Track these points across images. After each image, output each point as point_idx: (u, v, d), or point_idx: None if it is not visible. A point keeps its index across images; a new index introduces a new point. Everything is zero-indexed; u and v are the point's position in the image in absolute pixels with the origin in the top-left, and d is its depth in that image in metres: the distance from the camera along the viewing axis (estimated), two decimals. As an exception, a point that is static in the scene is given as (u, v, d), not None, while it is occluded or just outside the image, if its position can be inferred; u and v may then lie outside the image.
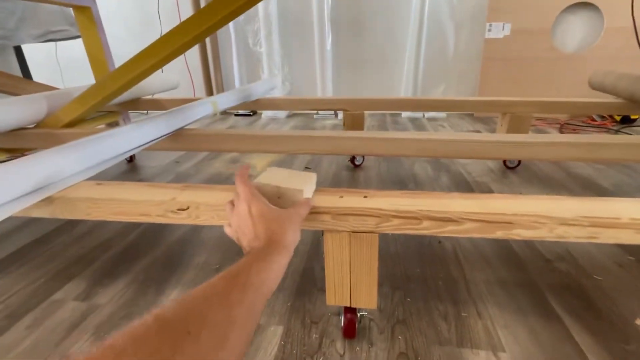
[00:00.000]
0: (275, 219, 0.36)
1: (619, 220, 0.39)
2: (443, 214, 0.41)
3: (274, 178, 0.43)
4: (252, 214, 0.37)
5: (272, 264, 0.31)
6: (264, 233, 0.35)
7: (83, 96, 0.81)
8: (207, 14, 0.66)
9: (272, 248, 0.33)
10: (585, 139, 0.67)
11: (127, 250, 0.76)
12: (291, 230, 0.36)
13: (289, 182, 0.43)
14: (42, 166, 0.47)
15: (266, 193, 0.42)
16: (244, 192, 0.38)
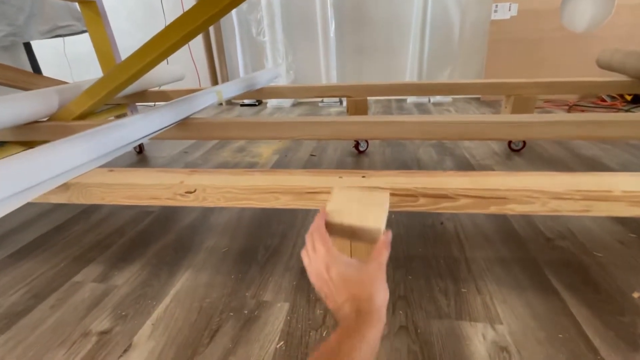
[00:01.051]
0: (358, 283, 0.33)
1: (611, 193, 0.40)
2: (438, 190, 0.42)
3: (345, 211, 0.39)
4: (332, 278, 0.33)
5: (362, 342, 0.28)
6: (349, 302, 0.32)
7: (92, 89, 0.84)
8: (209, 3, 0.67)
9: (361, 321, 0.30)
10: (589, 117, 0.67)
11: (141, 236, 0.80)
12: (378, 292, 0.32)
13: (362, 215, 0.38)
14: (57, 155, 0.49)
15: (339, 232, 0.38)
16: (319, 250, 0.35)
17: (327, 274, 0.34)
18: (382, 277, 0.34)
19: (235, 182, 0.46)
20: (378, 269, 0.34)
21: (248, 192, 0.46)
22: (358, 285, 0.33)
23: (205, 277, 0.65)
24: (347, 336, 0.28)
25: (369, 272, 0.34)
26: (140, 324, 0.54)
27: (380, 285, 0.33)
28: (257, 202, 0.46)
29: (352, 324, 0.30)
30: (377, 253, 0.36)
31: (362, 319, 0.30)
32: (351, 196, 0.40)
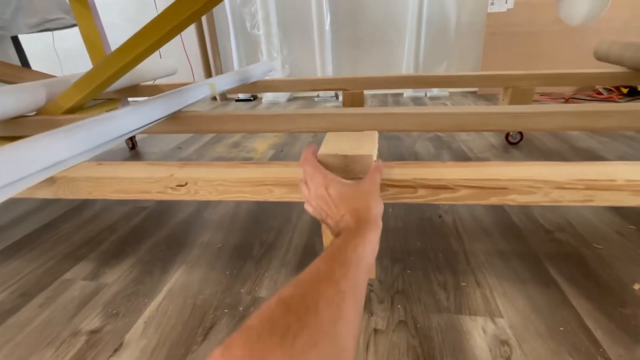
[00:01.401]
0: (355, 197, 0.37)
1: (614, 183, 0.39)
2: (437, 181, 0.41)
3: (338, 146, 0.42)
4: (332, 196, 0.37)
5: (364, 242, 0.32)
6: (349, 213, 0.35)
7: (81, 82, 0.81)
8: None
9: (361, 226, 0.34)
10: (587, 108, 0.66)
11: (133, 233, 0.78)
12: (373, 203, 0.36)
13: (355, 147, 0.41)
14: (42, 148, 0.47)
15: (333, 164, 0.41)
16: (317, 177, 0.38)
17: (327, 193, 0.37)
18: (376, 192, 0.38)
19: (227, 175, 0.45)
20: (372, 184, 0.38)
21: (241, 184, 0.44)
22: (356, 198, 0.36)
23: (199, 274, 0.63)
24: (351, 237, 0.32)
25: (365, 188, 0.38)
26: (132, 322, 0.53)
27: (375, 198, 0.37)
28: (250, 194, 0.45)
29: (353, 229, 0.33)
30: (371, 175, 0.40)
31: (362, 224, 0.34)
32: (343, 137, 0.44)
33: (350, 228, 0.34)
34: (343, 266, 0.28)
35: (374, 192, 0.38)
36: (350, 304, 0.25)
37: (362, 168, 0.41)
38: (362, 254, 0.30)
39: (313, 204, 0.39)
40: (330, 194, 0.37)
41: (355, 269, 0.28)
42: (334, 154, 0.41)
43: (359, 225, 0.34)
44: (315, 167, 0.40)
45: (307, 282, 0.26)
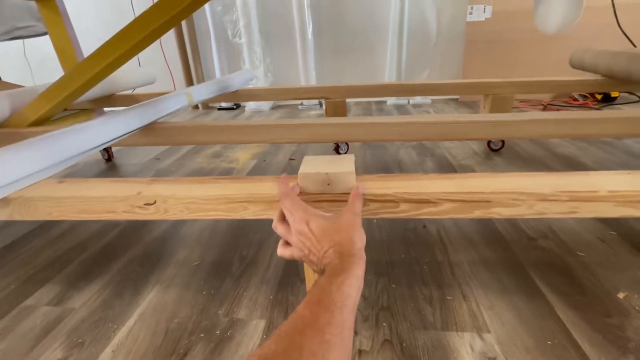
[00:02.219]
0: (338, 230, 0.36)
1: (597, 194, 0.38)
2: (420, 195, 0.40)
3: (318, 166, 0.41)
4: (313, 231, 0.36)
5: (350, 278, 0.31)
6: (332, 248, 0.34)
7: (50, 91, 0.77)
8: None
9: (345, 261, 0.33)
10: (566, 116, 0.67)
11: (104, 251, 0.74)
12: (356, 236, 0.36)
13: (335, 166, 0.41)
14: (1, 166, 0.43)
15: (314, 182, 0.40)
16: (297, 211, 0.37)
17: (308, 228, 0.36)
18: (358, 222, 0.37)
19: (199, 192, 0.42)
20: (354, 216, 0.37)
21: (214, 202, 0.42)
22: (338, 232, 0.35)
23: (174, 295, 0.59)
24: (336, 274, 0.31)
25: (346, 220, 0.37)
26: (98, 352, 0.49)
27: (358, 229, 0.36)
28: (225, 212, 0.42)
29: (337, 265, 0.32)
30: (351, 204, 0.38)
31: (346, 259, 0.33)
32: (320, 159, 0.43)
33: (334, 264, 0.33)
34: (328, 310, 0.27)
35: (356, 224, 0.36)
36: (336, 353, 0.24)
37: (344, 186, 0.40)
38: (348, 292, 0.29)
39: (293, 239, 0.37)
40: (311, 229, 0.35)
41: (341, 311, 0.27)
42: (315, 172, 0.39)
43: (343, 260, 0.33)
44: (294, 201, 0.38)
45: (290, 335, 0.25)
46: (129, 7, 2.07)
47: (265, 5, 1.98)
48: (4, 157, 0.45)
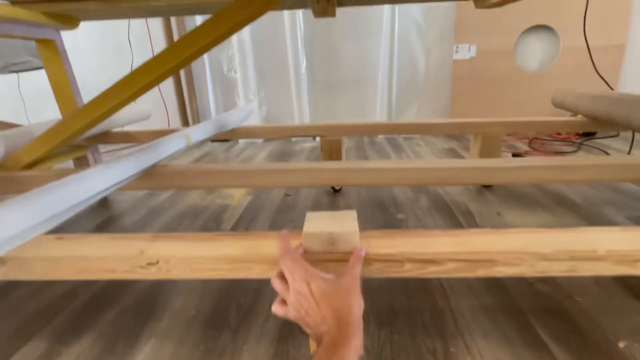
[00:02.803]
0: (337, 295, 0.35)
1: (595, 253, 0.39)
2: (424, 255, 0.40)
3: (321, 224, 0.41)
4: (314, 293, 0.35)
5: (350, 350, 0.30)
6: (330, 314, 0.34)
7: (47, 134, 0.77)
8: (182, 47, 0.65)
9: (343, 331, 0.32)
10: (558, 162, 0.69)
11: (94, 301, 0.71)
12: (355, 302, 0.35)
13: (339, 225, 0.41)
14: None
15: (319, 241, 0.40)
16: (298, 271, 0.37)
17: (308, 289, 0.36)
18: (357, 288, 0.37)
19: (202, 251, 0.42)
20: (353, 280, 0.37)
21: (217, 262, 0.41)
22: (337, 296, 0.35)
23: (170, 349, 0.57)
24: (335, 347, 0.31)
25: (346, 285, 0.37)
26: (88, 420, 0.46)
27: (356, 295, 0.36)
28: (228, 272, 0.42)
29: (336, 335, 0.32)
30: (351, 267, 0.39)
31: (344, 329, 0.33)
32: (324, 217, 0.43)
33: (333, 334, 0.33)
34: None
35: (355, 288, 0.37)
36: None
37: (347, 246, 0.40)
38: None
39: (291, 299, 0.37)
40: (312, 290, 0.35)
41: None
42: (320, 232, 0.40)
43: (341, 330, 0.32)
44: (295, 260, 0.38)
45: None
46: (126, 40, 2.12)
47: (261, 43, 2.05)
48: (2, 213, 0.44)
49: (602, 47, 1.86)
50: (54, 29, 1.10)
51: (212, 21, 0.62)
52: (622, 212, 0.99)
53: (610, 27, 1.85)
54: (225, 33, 0.64)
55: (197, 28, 0.63)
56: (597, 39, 1.87)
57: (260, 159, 1.79)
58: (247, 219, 1.06)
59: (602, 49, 1.87)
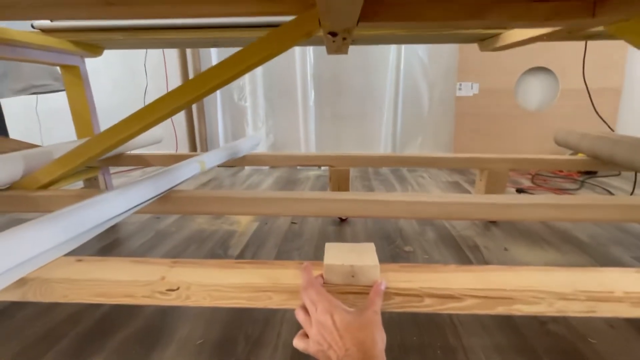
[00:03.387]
0: (361, 328, 0.35)
1: (613, 294, 0.39)
2: (444, 290, 0.40)
3: (342, 257, 0.42)
4: (337, 325, 0.35)
5: None
6: (355, 347, 0.34)
7: (66, 157, 0.79)
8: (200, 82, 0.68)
9: None
10: (563, 201, 0.71)
11: (100, 324, 0.70)
12: (378, 336, 0.36)
13: (359, 258, 0.42)
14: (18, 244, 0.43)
15: (340, 274, 0.41)
16: (321, 302, 0.37)
17: (332, 321, 0.36)
18: (379, 322, 0.37)
19: (223, 279, 0.42)
20: (375, 314, 0.37)
21: (238, 290, 0.42)
22: (361, 329, 0.35)
23: (176, 380, 0.56)
24: None
25: (368, 318, 0.37)
26: None
27: (379, 329, 0.36)
28: (248, 301, 0.42)
29: None
30: (371, 301, 0.39)
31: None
32: (344, 249, 0.44)
33: None
34: None
35: (377, 323, 0.37)
36: None
37: (367, 279, 0.40)
38: None
39: (313, 331, 0.37)
40: (335, 322, 0.36)
41: None
42: (341, 264, 0.40)
43: None
44: (319, 292, 0.38)
45: None
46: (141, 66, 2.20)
47: (272, 74, 2.14)
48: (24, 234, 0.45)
49: (600, 89, 1.94)
50: (79, 56, 1.16)
51: (238, 56, 0.66)
52: (629, 251, 0.99)
53: (607, 71, 1.94)
54: (249, 67, 0.68)
55: (221, 62, 0.67)
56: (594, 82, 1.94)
57: (267, 186, 1.80)
58: (254, 246, 1.06)
59: (600, 92, 1.94)
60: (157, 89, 2.24)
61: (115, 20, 0.93)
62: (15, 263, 0.43)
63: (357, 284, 0.41)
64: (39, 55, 1.01)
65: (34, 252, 0.45)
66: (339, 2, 0.47)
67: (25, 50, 0.96)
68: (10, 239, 0.43)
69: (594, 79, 1.93)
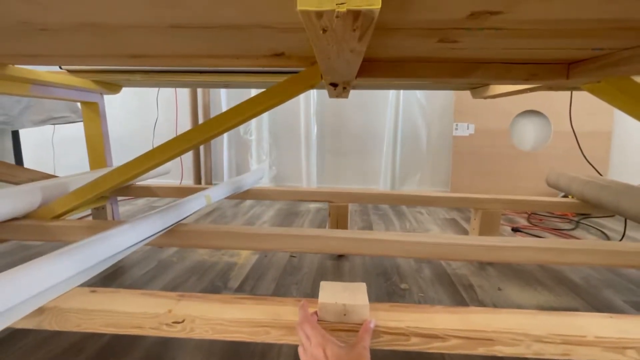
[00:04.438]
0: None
1: (585, 338, 0.42)
2: (430, 330, 0.44)
3: (335, 295, 0.46)
4: (329, 358, 0.39)
5: None
6: None
7: (80, 190, 0.84)
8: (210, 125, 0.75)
9: None
10: (555, 245, 0.74)
11: (102, 354, 0.72)
12: None
13: (351, 297, 0.46)
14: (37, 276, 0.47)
15: (333, 312, 0.45)
16: (315, 337, 0.41)
17: (324, 354, 0.39)
18: (368, 357, 0.40)
19: (226, 313, 0.46)
20: (364, 349, 0.41)
21: (239, 324, 0.45)
22: None
23: (173, 413, 0.57)
24: None
25: (358, 352, 0.40)
26: None
27: None
28: (248, 335, 0.45)
29: None
30: (360, 337, 0.42)
31: None
32: (337, 288, 0.48)
33: None
34: None
35: (366, 357, 0.40)
36: None
37: (358, 317, 0.44)
38: None
39: None
40: (327, 356, 0.39)
41: None
42: (334, 303, 0.44)
43: None
44: (314, 327, 0.42)
45: None
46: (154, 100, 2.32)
47: (277, 111, 2.24)
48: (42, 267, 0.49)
49: (591, 132, 2.02)
50: (99, 94, 1.25)
51: (246, 104, 0.73)
52: (620, 294, 1.01)
53: (596, 116, 2.03)
54: (256, 113, 0.75)
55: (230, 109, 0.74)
56: (585, 126, 2.03)
57: (268, 217, 1.84)
58: (254, 279, 1.08)
59: (591, 135, 2.03)
60: (168, 121, 2.35)
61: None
62: (34, 293, 0.47)
63: (348, 321, 0.44)
64: (65, 93, 1.10)
65: (51, 283, 0.49)
66: (338, 66, 0.54)
67: (53, 89, 1.04)
68: (29, 271, 0.47)
69: (585, 122, 2.02)
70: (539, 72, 0.72)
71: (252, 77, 1.06)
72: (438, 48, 0.60)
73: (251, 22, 0.47)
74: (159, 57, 0.75)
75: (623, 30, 0.46)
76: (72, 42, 0.61)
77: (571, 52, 0.63)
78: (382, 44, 0.60)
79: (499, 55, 0.67)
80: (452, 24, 0.46)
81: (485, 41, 0.54)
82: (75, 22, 0.48)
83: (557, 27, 0.45)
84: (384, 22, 0.45)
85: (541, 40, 0.52)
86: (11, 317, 0.43)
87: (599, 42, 0.54)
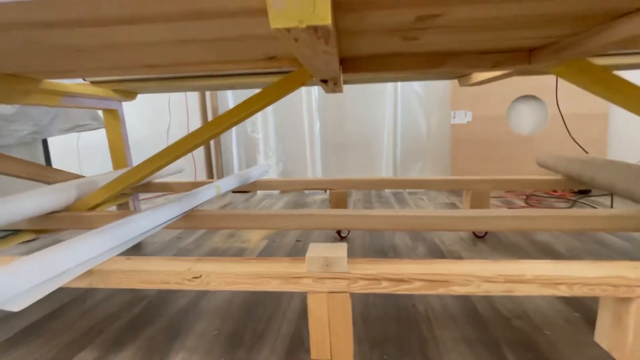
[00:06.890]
0: None
1: (524, 277, 0.52)
2: (397, 275, 0.54)
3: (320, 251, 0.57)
4: None
5: None
6: None
7: (109, 185, 0.97)
8: (218, 122, 0.86)
9: None
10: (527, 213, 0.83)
11: (133, 321, 0.84)
12: None
13: (332, 252, 0.56)
14: (84, 246, 0.60)
15: (317, 263, 0.55)
16: None
17: None
18: None
19: (235, 269, 0.57)
20: None
21: (245, 277, 0.56)
22: None
23: None
24: None
25: None
26: (133, 408, 0.58)
27: None
28: (253, 285, 0.56)
29: None
30: None
31: None
32: (322, 247, 0.59)
33: None
34: None
35: None
36: None
37: (338, 267, 0.54)
38: None
39: None
40: None
41: None
42: (319, 256, 0.55)
43: None
44: None
45: None
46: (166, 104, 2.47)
47: (281, 108, 2.36)
48: (89, 240, 0.62)
49: (588, 115, 2.06)
50: (118, 101, 1.38)
51: (249, 101, 0.84)
52: (602, 262, 1.08)
53: (593, 97, 2.06)
54: (258, 109, 0.86)
55: (236, 107, 0.86)
56: (581, 107, 2.08)
57: (277, 209, 1.96)
58: (263, 260, 1.20)
59: (588, 117, 2.07)
60: (179, 125, 2.49)
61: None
62: (83, 260, 0.59)
63: (331, 271, 0.55)
64: (89, 102, 1.24)
65: (95, 252, 0.62)
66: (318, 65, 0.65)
67: (80, 99, 1.18)
68: (79, 242, 0.60)
69: (582, 104, 2.07)
70: (503, 59, 0.81)
71: (253, 78, 1.17)
72: (405, 44, 0.70)
73: (247, 34, 0.58)
74: (171, 65, 0.87)
75: (549, 22, 0.55)
76: (99, 59, 0.74)
77: (525, 41, 0.72)
78: (357, 44, 0.70)
79: (463, 47, 0.76)
80: (406, 26, 0.56)
81: (441, 37, 0.63)
82: (105, 44, 0.60)
83: (490, 23, 0.54)
84: (349, 28, 0.56)
85: (487, 33, 0.61)
86: (69, 276, 0.56)
87: (535, 33, 0.63)
